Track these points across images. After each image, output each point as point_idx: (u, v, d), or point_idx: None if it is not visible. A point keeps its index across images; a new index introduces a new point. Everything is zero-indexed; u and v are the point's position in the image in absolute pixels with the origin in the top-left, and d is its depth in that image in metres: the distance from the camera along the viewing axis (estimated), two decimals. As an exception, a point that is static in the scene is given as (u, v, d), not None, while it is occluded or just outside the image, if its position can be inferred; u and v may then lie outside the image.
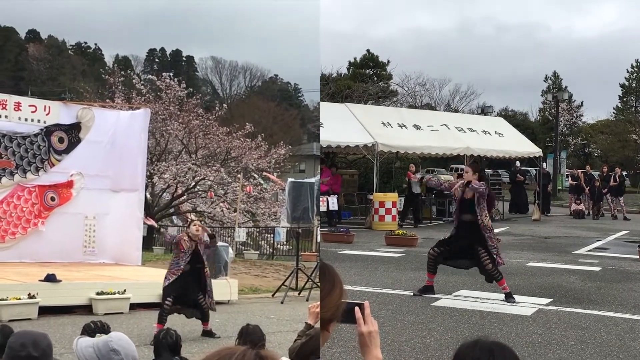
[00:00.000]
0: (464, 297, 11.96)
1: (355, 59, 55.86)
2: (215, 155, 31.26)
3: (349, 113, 26.36)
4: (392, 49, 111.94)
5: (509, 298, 11.37)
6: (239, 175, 27.43)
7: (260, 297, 16.34)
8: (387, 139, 24.96)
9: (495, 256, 11.44)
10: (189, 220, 11.59)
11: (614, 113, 70.40)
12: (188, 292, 11.11)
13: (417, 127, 26.92)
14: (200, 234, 11.21)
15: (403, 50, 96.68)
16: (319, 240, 19.44)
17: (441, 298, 11.45)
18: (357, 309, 2.76)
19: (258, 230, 29.81)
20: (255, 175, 31.21)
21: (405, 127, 26.58)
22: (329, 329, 2.68)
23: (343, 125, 24.86)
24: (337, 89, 42.31)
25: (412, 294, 11.93)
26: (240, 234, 24.60)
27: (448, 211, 27.01)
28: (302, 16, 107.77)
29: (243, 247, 27.27)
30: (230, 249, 16.69)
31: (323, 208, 23.80)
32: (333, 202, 23.95)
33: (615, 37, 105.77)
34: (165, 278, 11.07)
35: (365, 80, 48.85)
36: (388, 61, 54.78)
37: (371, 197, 24.66)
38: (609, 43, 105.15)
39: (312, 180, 17.96)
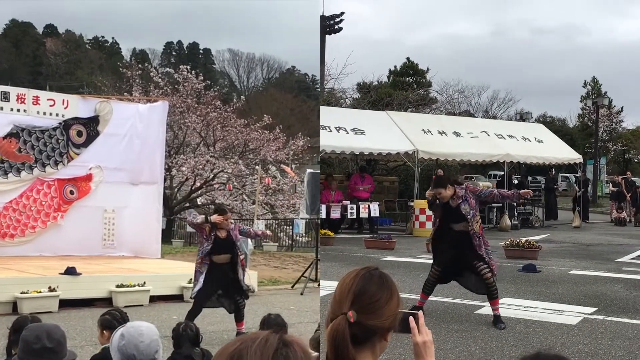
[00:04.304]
0: (508, 305, 11.68)
1: (395, 67, 55.87)
2: (234, 147, 31.26)
3: (389, 120, 26.35)
4: (428, 56, 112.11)
5: (498, 323, 10.18)
6: (257, 167, 27.42)
7: (280, 289, 16.33)
8: (428, 146, 24.89)
9: (492, 267, 10.39)
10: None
11: (654, 118, 69.33)
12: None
13: (457, 134, 26.81)
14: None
15: (439, 56, 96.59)
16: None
17: (485, 306, 11.05)
18: (411, 318, 2.78)
19: (277, 222, 29.80)
20: (274, 167, 31.20)
21: (445, 134, 26.48)
22: (387, 338, 2.65)
23: (384, 133, 24.88)
24: (377, 96, 42.35)
25: (456, 301, 11.70)
26: (259, 226, 24.57)
27: (487, 218, 26.80)
28: (318, 7, 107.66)
29: (262, 239, 27.26)
30: (249, 241, 16.67)
31: (364, 215, 23.74)
32: (375, 209, 23.90)
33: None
34: None
35: (405, 88, 48.74)
36: (427, 69, 54.70)
37: (412, 204, 24.62)
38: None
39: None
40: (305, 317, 12.08)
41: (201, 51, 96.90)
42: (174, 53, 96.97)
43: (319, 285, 15.89)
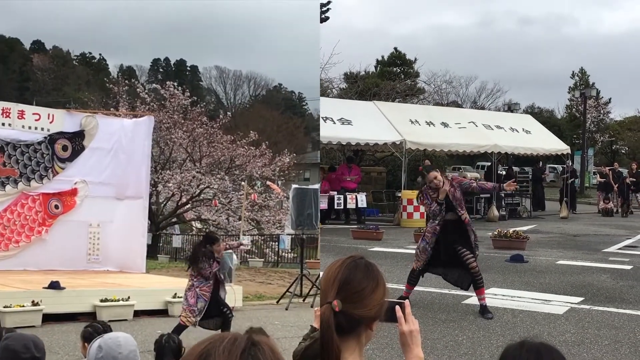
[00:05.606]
0: (495, 295, 11.85)
1: (382, 57, 55.77)
2: (220, 163, 31.23)
3: (377, 111, 26.43)
4: (415, 46, 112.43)
5: (485, 313, 10.31)
6: (243, 183, 27.42)
7: (265, 304, 16.29)
8: (415, 137, 25.00)
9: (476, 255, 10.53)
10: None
11: (641, 109, 69.00)
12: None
13: (445, 124, 26.94)
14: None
15: (427, 47, 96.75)
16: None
17: (472, 296, 11.18)
18: (397, 307, 2.77)
19: (263, 238, 29.75)
20: (259, 183, 31.20)
21: (433, 125, 26.59)
22: (372, 327, 2.65)
23: (372, 123, 24.92)
24: (365, 87, 42.27)
25: (443, 291, 11.81)
26: (244, 241, 24.55)
27: (475, 209, 26.85)
28: (304, 26, 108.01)
29: (248, 255, 27.20)
30: (234, 256, 16.65)
31: (352, 205, 23.78)
32: (362, 200, 23.94)
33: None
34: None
35: (392, 78, 48.73)
36: (415, 59, 54.66)
37: (399, 195, 24.67)
38: (638, 38, 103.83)
39: (316, 186, 17.95)
40: (290, 332, 12.04)
41: (188, 68, 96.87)
42: (161, 70, 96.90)
43: (304, 300, 15.88)
